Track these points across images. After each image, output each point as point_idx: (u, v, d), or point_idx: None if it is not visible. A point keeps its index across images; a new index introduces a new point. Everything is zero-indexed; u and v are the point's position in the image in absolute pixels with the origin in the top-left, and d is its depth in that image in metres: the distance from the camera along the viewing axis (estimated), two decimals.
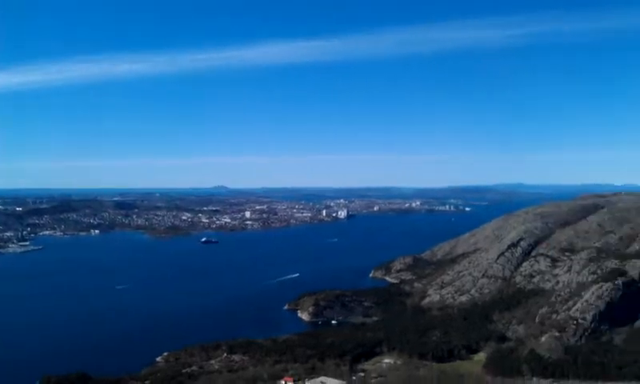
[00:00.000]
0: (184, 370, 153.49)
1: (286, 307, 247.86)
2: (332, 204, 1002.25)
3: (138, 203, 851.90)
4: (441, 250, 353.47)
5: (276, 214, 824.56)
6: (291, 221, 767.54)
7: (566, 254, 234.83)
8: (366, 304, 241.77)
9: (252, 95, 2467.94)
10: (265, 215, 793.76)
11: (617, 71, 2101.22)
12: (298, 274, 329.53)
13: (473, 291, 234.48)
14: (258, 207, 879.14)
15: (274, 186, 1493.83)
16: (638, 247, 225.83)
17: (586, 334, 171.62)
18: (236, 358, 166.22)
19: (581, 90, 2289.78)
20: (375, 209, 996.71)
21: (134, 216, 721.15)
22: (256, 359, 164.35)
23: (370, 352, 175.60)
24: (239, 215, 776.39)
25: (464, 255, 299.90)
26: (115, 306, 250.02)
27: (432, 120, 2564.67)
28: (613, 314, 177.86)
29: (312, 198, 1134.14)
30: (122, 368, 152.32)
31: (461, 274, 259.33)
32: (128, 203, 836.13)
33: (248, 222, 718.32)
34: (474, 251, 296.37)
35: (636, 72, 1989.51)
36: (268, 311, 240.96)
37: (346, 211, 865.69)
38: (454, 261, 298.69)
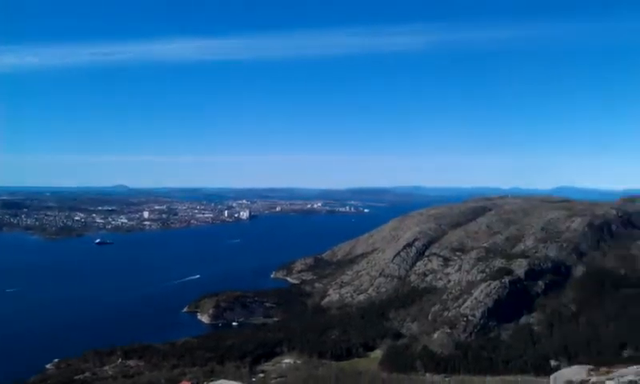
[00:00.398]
0: (76, 377, 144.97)
1: (185, 309, 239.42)
2: (234, 204, 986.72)
3: (28, 202, 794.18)
4: (341, 250, 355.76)
5: (176, 214, 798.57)
6: (192, 221, 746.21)
7: (457, 253, 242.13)
8: (267, 305, 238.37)
9: (153, 92, 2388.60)
10: (164, 215, 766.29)
11: (505, 78, 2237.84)
12: (198, 276, 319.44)
13: (370, 290, 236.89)
14: (157, 207, 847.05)
15: (176, 185, 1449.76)
16: (523, 247, 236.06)
17: (476, 330, 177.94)
18: (131, 363, 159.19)
19: (472, 97, 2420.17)
20: (277, 209, 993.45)
21: (23, 216, 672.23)
22: (152, 364, 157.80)
23: (270, 353, 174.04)
24: (137, 215, 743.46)
25: (363, 255, 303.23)
26: (5, 309, 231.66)
27: (334, 121, 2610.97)
28: (500, 311, 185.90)
29: (214, 198, 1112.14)
30: (8, 376, 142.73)
31: (359, 273, 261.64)
32: (16, 202, 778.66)
33: (146, 223, 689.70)
34: (372, 251, 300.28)
35: (520, 79, 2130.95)
36: (166, 314, 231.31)
37: (248, 212, 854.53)
38: (353, 261, 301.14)
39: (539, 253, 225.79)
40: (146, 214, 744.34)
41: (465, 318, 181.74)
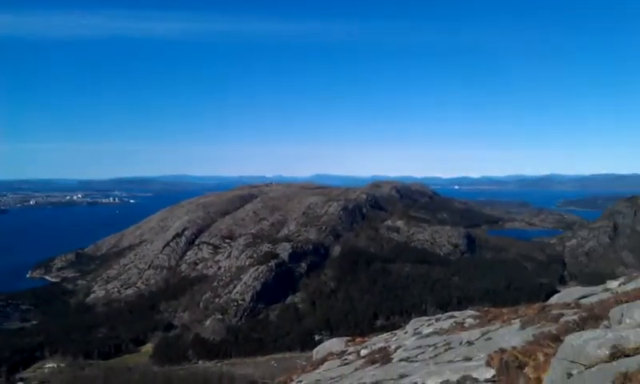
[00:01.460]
0: None
1: None
2: None
3: None
4: (105, 243, 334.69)
5: None
6: None
7: (227, 240, 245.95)
8: (23, 307, 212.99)
9: None
10: None
11: (261, 72, 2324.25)
12: None
13: (139, 283, 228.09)
14: None
15: None
16: (287, 232, 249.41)
17: (246, 313, 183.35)
18: None
19: (229, 90, 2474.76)
20: (32, 203, 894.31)
21: None
22: None
23: (29, 358, 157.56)
24: None
25: (130, 248, 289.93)
26: None
27: (91, 107, 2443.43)
28: (268, 293, 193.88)
29: None
30: None
31: (127, 266, 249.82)
32: None
33: None
34: (140, 243, 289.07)
35: (268, 74, 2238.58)
36: None
37: None
38: (119, 254, 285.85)
39: (301, 236, 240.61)
40: None
41: (235, 303, 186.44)
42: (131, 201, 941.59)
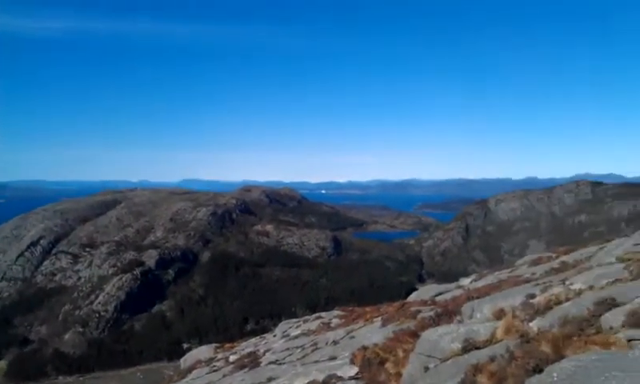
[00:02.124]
0: None
1: None
2: None
3: None
4: None
5: None
6: None
7: (87, 249, 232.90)
8: None
9: None
10: None
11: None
12: None
13: None
14: None
15: None
16: (153, 238, 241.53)
17: (109, 325, 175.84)
18: None
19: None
20: None
21: None
22: None
23: None
24: None
25: None
26: None
27: None
28: (133, 303, 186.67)
29: None
30: None
31: None
32: None
33: None
34: None
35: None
36: None
37: None
38: None
39: (169, 243, 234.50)
40: None
41: (97, 315, 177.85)
42: None
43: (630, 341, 7.72)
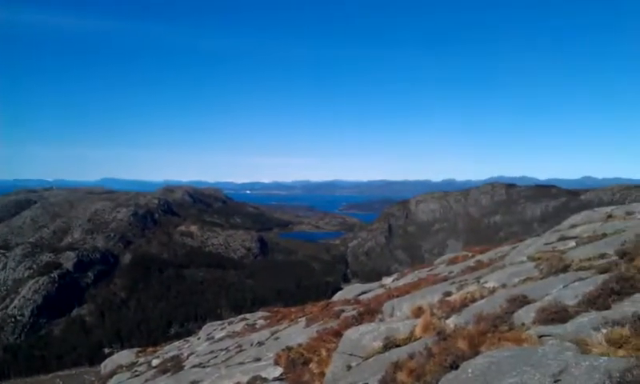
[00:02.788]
0: None
1: None
2: None
3: None
4: None
5: None
6: None
7: (1, 251, 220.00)
8: None
9: None
10: None
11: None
12: None
13: None
14: None
15: None
16: (71, 239, 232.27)
17: (26, 330, 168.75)
18: None
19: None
20: None
21: None
22: None
23: None
24: None
25: None
26: None
27: None
28: (51, 307, 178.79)
29: None
30: None
31: None
32: None
33: None
34: None
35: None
36: None
37: None
38: None
39: (87, 244, 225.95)
40: None
41: (13, 319, 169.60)
42: None
43: (540, 337, 8.08)
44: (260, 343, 22.29)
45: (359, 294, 27.61)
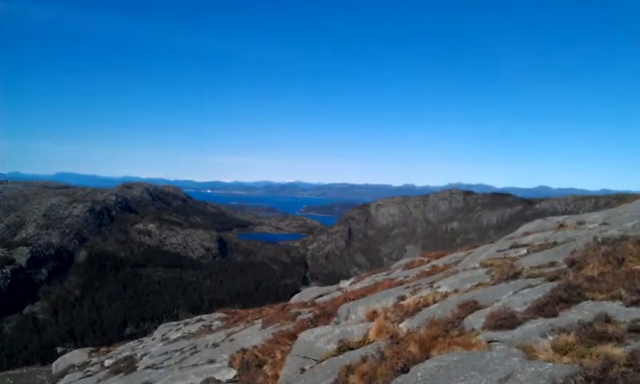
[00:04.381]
0: None
1: None
2: None
3: None
4: None
5: None
6: None
7: None
8: None
9: None
10: None
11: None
12: None
13: None
14: None
15: None
16: (24, 235, 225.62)
17: None
18: None
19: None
20: None
21: None
22: None
23: None
24: None
25: None
26: None
27: None
28: (2, 303, 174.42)
29: None
30: None
31: None
32: None
33: None
34: None
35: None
36: None
37: None
38: None
39: (42, 240, 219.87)
40: None
41: None
42: None
43: (489, 342, 8.24)
44: (215, 345, 22.12)
45: (317, 297, 27.67)
